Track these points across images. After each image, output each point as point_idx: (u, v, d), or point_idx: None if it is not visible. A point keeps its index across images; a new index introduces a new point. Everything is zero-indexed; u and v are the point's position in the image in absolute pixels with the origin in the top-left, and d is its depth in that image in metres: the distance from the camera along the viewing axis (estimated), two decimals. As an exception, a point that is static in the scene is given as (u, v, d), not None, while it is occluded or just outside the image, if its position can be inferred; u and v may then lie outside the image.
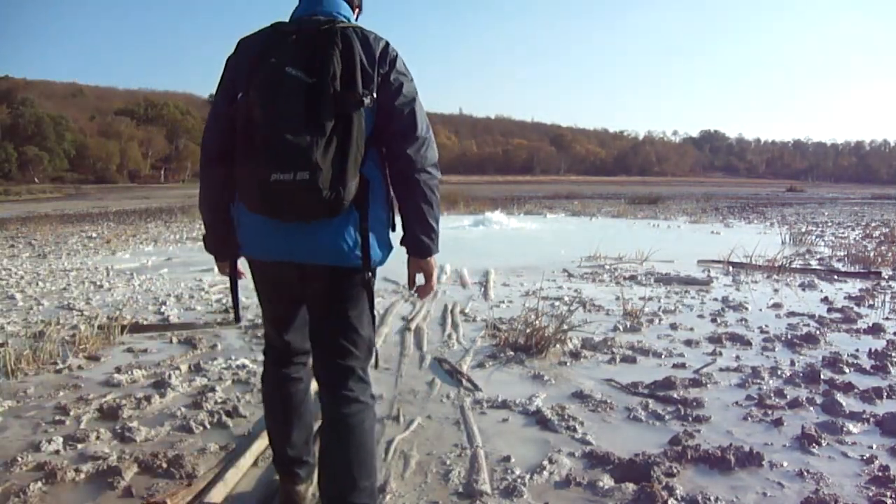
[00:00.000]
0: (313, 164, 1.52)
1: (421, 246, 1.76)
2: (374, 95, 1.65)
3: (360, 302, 1.77)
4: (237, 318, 2.03)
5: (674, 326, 4.51)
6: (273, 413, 1.98)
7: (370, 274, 1.73)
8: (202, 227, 1.89)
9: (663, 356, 3.78)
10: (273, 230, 1.66)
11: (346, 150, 1.57)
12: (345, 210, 1.60)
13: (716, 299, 5.52)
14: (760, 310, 5.11)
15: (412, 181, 1.70)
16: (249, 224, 1.71)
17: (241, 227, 1.75)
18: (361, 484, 1.73)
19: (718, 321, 4.70)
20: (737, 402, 3.02)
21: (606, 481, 2.22)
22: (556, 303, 5.27)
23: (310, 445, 2.03)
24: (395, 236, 1.78)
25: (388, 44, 1.73)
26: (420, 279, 1.84)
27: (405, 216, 1.75)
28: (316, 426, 2.03)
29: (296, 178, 1.51)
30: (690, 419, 2.80)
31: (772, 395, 3.09)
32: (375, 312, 1.85)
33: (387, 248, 1.78)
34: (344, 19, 1.75)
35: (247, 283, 1.93)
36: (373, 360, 1.86)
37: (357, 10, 1.91)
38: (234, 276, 1.91)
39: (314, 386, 1.94)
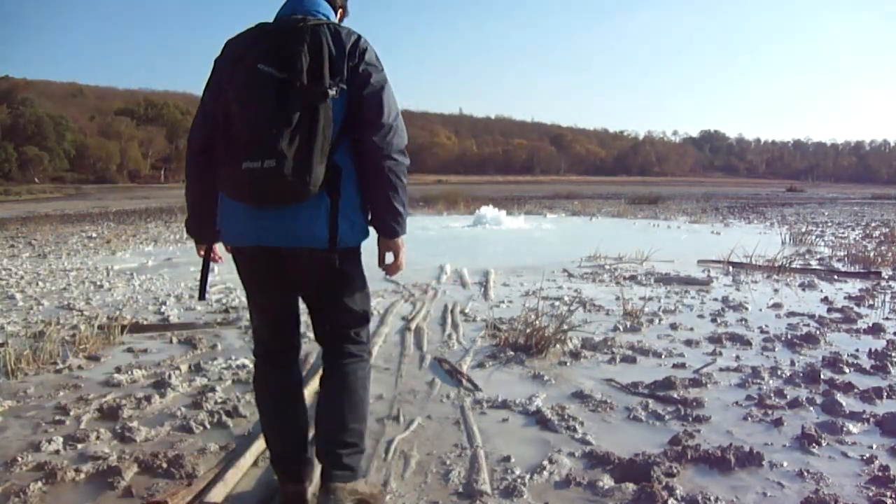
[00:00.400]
0: (278, 152, 1.63)
1: (387, 229, 1.90)
2: (344, 86, 1.76)
3: (342, 279, 1.90)
4: (202, 296, 2.14)
5: (674, 326, 4.51)
6: (267, 412, 2.00)
7: (343, 254, 1.84)
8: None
9: (663, 356, 3.78)
10: (248, 217, 1.77)
11: (312, 140, 1.68)
12: (314, 195, 1.70)
13: (716, 299, 5.52)
14: (760, 310, 5.11)
15: (378, 167, 1.81)
16: (228, 212, 1.83)
17: (221, 214, 1.87)
18: (351, 426, 1.90)
19: (718, 321, 4.70)
20: (737, 402, 3.02)
21: (606, 481, 2.22)
22: (556, 303, 5.27)
23: (307, 443, 2.03)
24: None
25: (359, 37, 1.83)
26: (389, 257, 1.97)
27: (373, 201, 1.87)
28: (311, 431, 2.07)
29: (263, 165, 1.64)
30: (690, 419, 2.80)
31: (772, 395, 3.09)
32: (372, 306, 1.98)
33: (361, 231, 1.87)
34: (322, 17, 1.87)
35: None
36: (366, 327, 2.02)
37: (340, 11, 2.04)
38: (207, 259, 2.08)
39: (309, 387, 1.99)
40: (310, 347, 3.95)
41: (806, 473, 2.28)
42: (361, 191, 1.85)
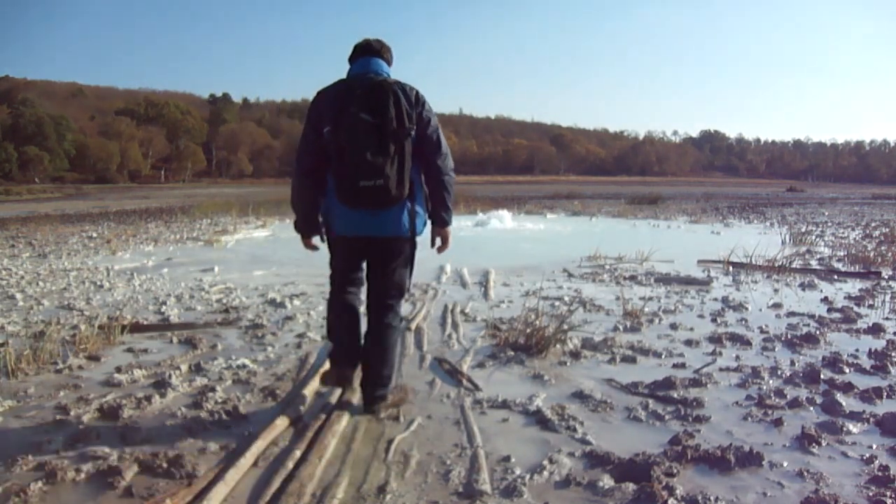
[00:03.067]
0: (385, 175, 2.52)
1: (442, 220, 2.82)
2: (415, 127, 2.60)
3: (402, 260, 2.77)
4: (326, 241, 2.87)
5: (674, 326, 4.51)
6: (338, 321, 2.86)
7: (412, 240, 2.74)
8: (293, 217, 2.85)
9: (663, 356, 3.78)
10: (360, 216, 2.63)
11: (403, 165, 2.56)
12: (402, 201, 2.61)
13: (716, 299, 5.52)
14: (760, 310, 5.12)
15: (439, 180, 2.73)
16: (340, 214, 2.66)
17: (331, 214, 2.70)
18: (385, 371, 2.81)
19: (718, 321, 4.70)
20: (737, 402, 3.02)
21: (606, 481, 2.22)
22: (556, 303, 5.27)
23: (358, 347, 2.86)
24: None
25: (418, 92, 2.68)
26: (438, 241, 2.89)
27: (433, 201, 2.77)
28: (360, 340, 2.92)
29: (375, 183, 2.52)
30: (690, 419, 2.80)
31: (772, 395, 3.09)
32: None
33: (424, 224, 2.79)
34: (386, 75, 2.71)
35: (244, 283, 1.95)
36: (403, 298, 2.89)
37: (390, 65, 2.82)
38: (312, 247, 2.90)
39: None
40: (310, 347, 3.96)
41: (806, 473, 2.28)
42: (424, 198, 2.75)
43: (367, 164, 2.49)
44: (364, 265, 2.84)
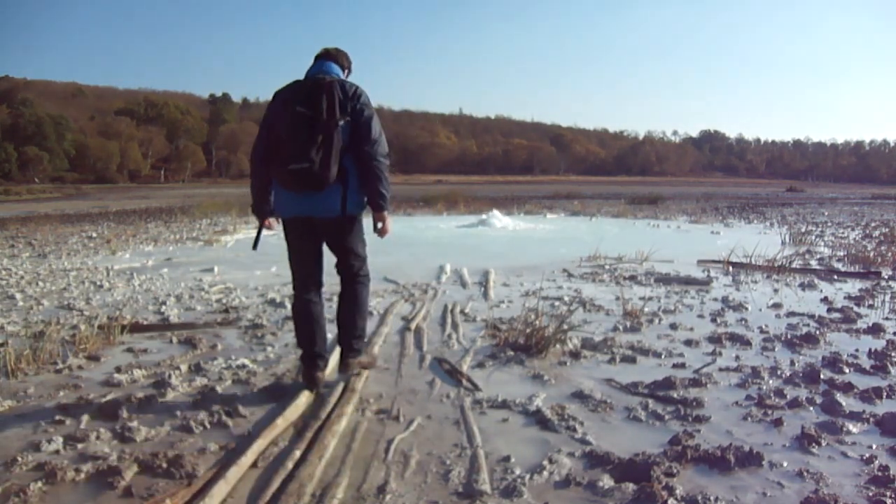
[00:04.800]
0: (311, 158, 2.81)
1: (377, 205, 3.05)
2: (349, 118, 2.92)
3: (350, 234, 3.12)
4: (255, 247, 3.28)
5: (674, 326, 4.51)
6: (302, 324, 3.13)
7: (349, 220, 3.05)
8: (250, 201, 3.16)
9: (663, 356, 3.78)
10: (293, 199, 2.96)
11: (329, 151, 2.84)
12: (331, 185, 2.88)
13: (716, 299, 5.52)
14: (760, 310, 5.12)
15: (368, 165, 2.98)
16: (282, 197, 3.02)
17: (276, 199, 3.07)
18: (358, 324, 3.22)
19: (718, 321, 4.69)
20: (737, 402, 3.02)
21: (606, 481, 2.22)
22: (556, 303, 5.27)
23: (326, 346, 3.20)
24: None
25: (357, 87, 3.00)
26: (379, 225, 3.14)
27: (367, 188, 3.03)
28: (330, 337, 3.48)
29: (302, 167, 2.81)
30: (690, 419, 2.80)
31: (772, 395, 3.09)
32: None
33: (359, 205, 3.06)
34: (335, 76, 3.04)
35: (244, 283, 1.96)
36: (365, 261, 3.24)
37: (347, 71, 3.22)
38: (262, 225, 3.20)
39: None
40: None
41: (806, 473, 2.28)
42: (360, 182, 3.01)
43: (297, 149, 2.82)
44: (319, 262, 3.15)
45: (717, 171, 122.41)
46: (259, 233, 3.24)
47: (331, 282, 3.33)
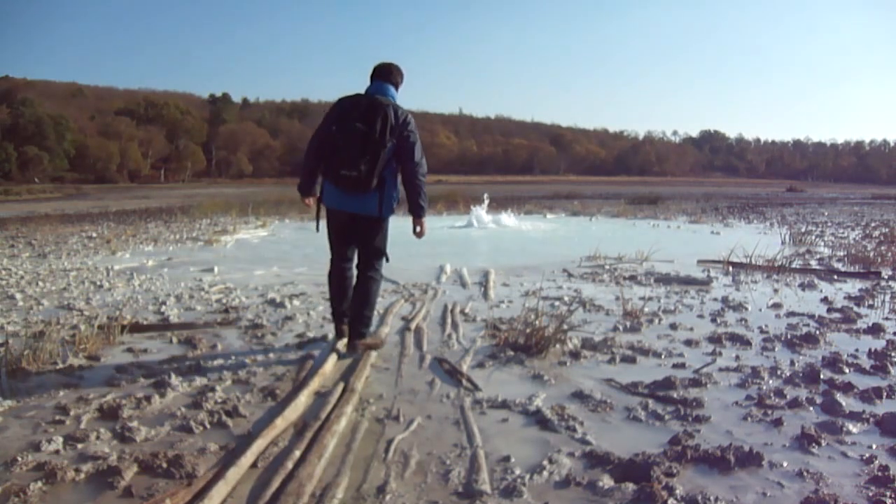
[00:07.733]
0: (359, 168, 3.44)
1: (416, 213, 3.75)
2: (395, 140, 3.51)
3: (379, 234, 3.73)
4: (318, 228, 3.97)
5: (674, 326, 4.51)
6: (335, 285, 3.85)
7: (384, 221, 3.72)
8: (296, 183, 3.79)
9: (663, 356, 3.79)
10: (341, 195, 3.58)
11: (374, 165, 3.46)
12: (372, 190, 3.53)
13: (716, 299, 5.52)
14: (760, 310, 5.12)
15: (410, 181, 3.65)
16: (329, 190, 3.64)
17: (325, 192, 3.68)
18: (366, 312, 3.76)
19: (718, 321, 4.70)
20: (737, 402, 3.02)
21: (606, 481, 2.22)
22: (556, 303, 5.27)
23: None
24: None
25: (407, 115, 3.58)
26: (417, 228, 3.81)
27: (409, 198, 3.69)
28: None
29: (350, 174, 3.45)
30: (690, 419, 2.80)
31: (772, 395, 3.09)
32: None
33: (391, 210, 3.68)
34: (391, 98, 3.62)
35: (244, 283, 1.96)
36: (384, 260, 3.82)
37: (398, 89, 3.78)
38: (307, 205, 3.84)
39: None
40: (310, 348, 3.95)
41: (806, 473, 2.28)
42: (396, 191, 3.67)
43: (349, 158, 3.42)
44: (351, 244, 3.77)
45: (717, 172, 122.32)
46: (318, 217, 3.91)
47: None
